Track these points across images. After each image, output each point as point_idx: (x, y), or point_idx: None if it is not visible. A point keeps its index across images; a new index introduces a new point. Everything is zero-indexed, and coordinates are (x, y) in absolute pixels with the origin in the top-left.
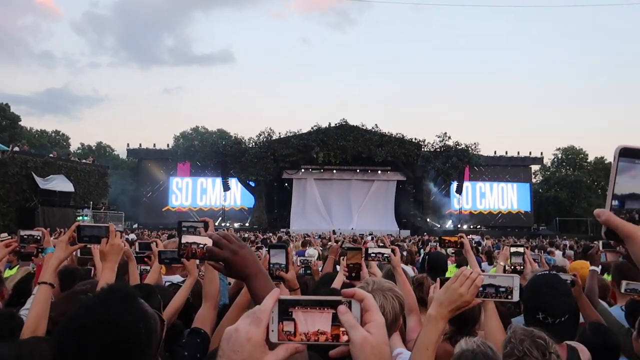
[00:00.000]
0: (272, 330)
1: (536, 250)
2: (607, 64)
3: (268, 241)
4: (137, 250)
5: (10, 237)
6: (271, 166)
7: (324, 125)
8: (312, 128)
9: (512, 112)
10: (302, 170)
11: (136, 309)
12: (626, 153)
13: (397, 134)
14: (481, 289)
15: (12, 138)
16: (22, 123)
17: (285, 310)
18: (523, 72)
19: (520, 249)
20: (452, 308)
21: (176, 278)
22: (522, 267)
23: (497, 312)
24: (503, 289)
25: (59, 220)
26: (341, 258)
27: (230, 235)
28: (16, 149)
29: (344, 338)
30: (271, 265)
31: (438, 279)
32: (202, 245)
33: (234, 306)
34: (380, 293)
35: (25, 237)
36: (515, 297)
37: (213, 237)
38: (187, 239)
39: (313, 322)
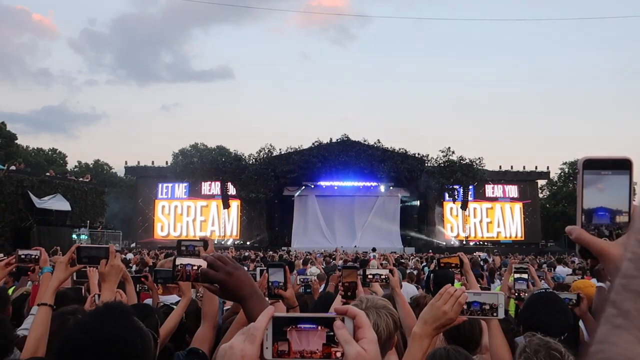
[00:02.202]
0: (267, 348)
1: (544, 266)
2: (614, 74)
3: (268, 260)
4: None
5: (5, 257)
6: (272, 183)
7: (325, 141)
8: (313, 144)
9: (516, 126)
10: (304, 186)
11: (132, 326)
12: (590, 165)
13: (399, 149)
14: (465, 306)
15: (8, 156)
16: (18, 141)
17: (279, 328)
18: (527, 85)
19: (524, 275)
20: (436, 325)
21: (173, 298)
22: (526, 295)
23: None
24: (488, 307)
25: (55, 240)
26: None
27: (225, 257)
28: (12, 167)
29: (337, 355)
30: (270, 284)
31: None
32: (196, 267)
33: (235, 324)
34: (373, 311)
35: (23, 256)
36: (501, 314)
37: (207, 258)
38: (181, 260)
39: (307, 341)
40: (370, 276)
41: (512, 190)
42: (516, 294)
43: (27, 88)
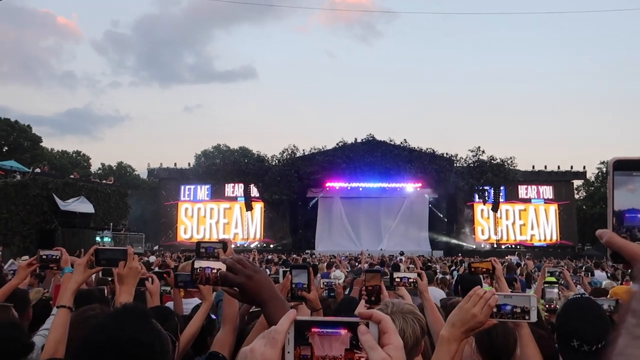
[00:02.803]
0: (288, 352)
1: (581, 271)
2: None
3: (291, 262)
4: None
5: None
6: (295, 184)
7: (350, 141)
8: (337, 144)
9: (551, 124)
10: (328, 188)
11: (151, 329)
12: (621, 166)
13: (427, 149)
14: (495, 309)
15: (34, 159)
16: (43, 144)
17: (302, 332)
18: (561, 81)
19: (556, 287)
20: (465, 329)
21: (194, 301)
22: (558, 304)
23: (534, 336)
24: (519, 309)
25: (79, 242)
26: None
27: (245, 260)
28: (37, 170)
29: None
30: (293, 286)
31: None
32: (215, 270)
33: (258, 325)
34: (399, 316)
35: (44, 257)
36: (533, 317)
37: (227, 262)
38: (200, 263)
39: (330, 345)
40: (397, 279)
41: (547, 191)
42: (547, 306)
43: (52, 91)
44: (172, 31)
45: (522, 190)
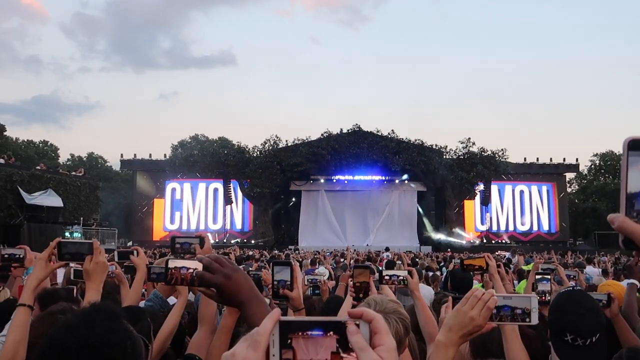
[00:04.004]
0: (273, 355)
1: (576, 268)
2: None
3: (275, 258)
4: (117, 260)
5: None
6: (278, 177)
7: (336, 131)
8: (322, 135)
9: (543, 115)
10: (312, 180)
11: (122, 329)
12: (636, 145)
13: (415, 140)
14: (495, 311)
15: None
16: (7, 133)
17: (285, 334)
18: (555, 70)
19: (547, 275)
20: (462, 333)
21: (170, 300)
22: (549, 298)
23: (520, 334)
24: (520, 311)
25: (46, 238)
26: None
27: (223, 258)
28: (1, 161)
29: None
30: (275, 283)
31: (450, 298)
32: (191, 270)
33: (221, 328)
34: (382, 316)
35: (6, 256)
36: (534, 319)
37: (203, 260)
38: (174, 263)
39: (315, 349)
40: (387, 277)
41: (538, 184)
42: (539, 298)
43: (16, 76)
44: (146, 13)
45: (514, 183)
